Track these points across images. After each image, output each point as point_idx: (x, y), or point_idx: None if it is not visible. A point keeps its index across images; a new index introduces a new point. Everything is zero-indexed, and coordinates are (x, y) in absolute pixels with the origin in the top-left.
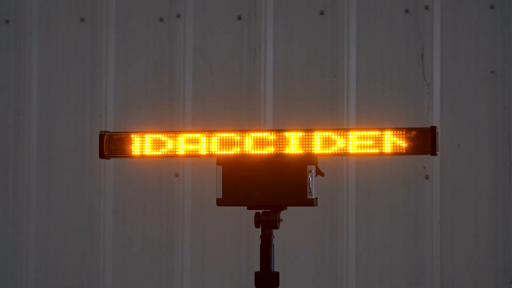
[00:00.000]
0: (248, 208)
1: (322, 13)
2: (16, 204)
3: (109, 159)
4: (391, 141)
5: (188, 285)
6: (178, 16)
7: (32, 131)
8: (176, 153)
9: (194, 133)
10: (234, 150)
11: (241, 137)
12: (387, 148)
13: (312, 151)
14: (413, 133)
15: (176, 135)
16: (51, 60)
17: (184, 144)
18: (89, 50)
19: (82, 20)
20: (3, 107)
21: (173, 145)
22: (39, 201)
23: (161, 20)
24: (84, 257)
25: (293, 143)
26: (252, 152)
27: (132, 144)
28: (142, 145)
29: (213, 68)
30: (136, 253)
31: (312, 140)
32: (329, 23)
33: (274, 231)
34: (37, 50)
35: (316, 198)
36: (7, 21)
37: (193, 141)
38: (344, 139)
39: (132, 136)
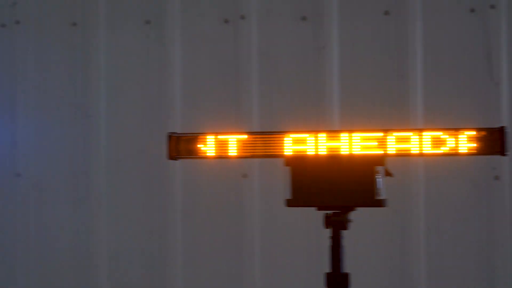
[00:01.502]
0: (317, 209)
1: (387, 13)
2: (87, 206)
3: (177, 160)
4: (461, 142)
5: (258, 286)
6: (242, 17)
7: (101, 133)
8: (244, 154)
9: (262, 134)
10: (303, 151)
11: (309, 138)
12: (457, 149)
13: (381, 152)
14: (482, 133)
15: (244, 136)
16: (118, 62)
17: (252, 145)
18: (155, 52)
19: (147, 22)
20: (71, 110)
21: (241, 146)
22: (109, 203)
23: (226, 21)
24: (153, 259)
25: (361, 144)
26: (321, 152)
27: (200, 145)
28: (210, 146)
29: (278, 69)
30: (206, 255)
31: (380, 140)
32: (394, 23)
33: (344, 232)
34: (104, 53)
35: (385, 199)
36: (74, 24)
37: (262, 142)
38: (414, 139)
39: (200, 137)
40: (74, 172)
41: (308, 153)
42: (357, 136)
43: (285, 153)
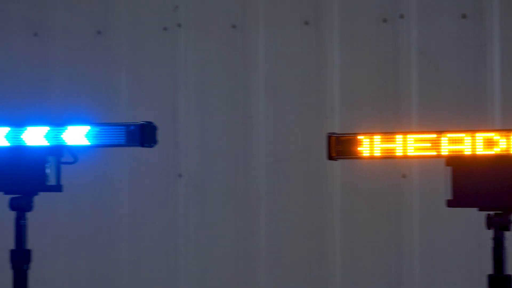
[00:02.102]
0: (479, 210)
1: None
2: (247, 206)
3: (337, 160)
4: None
5: (417, 286)
6: (401, 16)
7: (260, 133)
8: (404, 154)
9: (422, 133)
10: (464, 151)
11: (470, 137)
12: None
13: None
14: None
15: (404, 136)
16: (277, 63)
17: (412, 144)
18: (313, 52)
19: (306, 23)
20: (232, 110)
21: (401, 146)
22: (269, 203)
23: (385, 21)
24: (312, 259)
25: None
26: (481, 152)
27: (360, 145)
28: (369, 146)
29: (439, 68)
30: (364, 255)
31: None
32: None
33: (506, 233)
34: (263, 54)
35: None
36: (234, 26)
37: (422, 141)
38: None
39: (359, 137)
40: (235, 173)
41: (468, 153)
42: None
43: (443, 153)
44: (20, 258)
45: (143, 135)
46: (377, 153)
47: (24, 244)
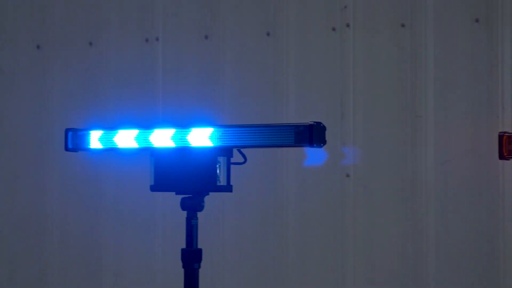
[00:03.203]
0: None
1: None
2: (415, 206)
3: (509, 160)
4: None
5: None
6: None
7: (429, 133)
8: None
9: None
10: None
11: None
12: None
13: None
14: None
15: None
16: (446, 61)
17: None
18: (484, 50)
19: (476, 20)
20: (400, 110)
21: None
22: (437, 203)
23: None
24: (483, 262)
25: None
26: None
27: None
28: None
29: None
30: None
31: None
32: None
33: None
34: (432, 52)
35: None
36: (403, 25)
37: None
38: None
39: None
40: (403, 173)
41: None
42: None
43: None
44: (191, 257)
45: (312, 135)
46: None
47: (195, 243)
